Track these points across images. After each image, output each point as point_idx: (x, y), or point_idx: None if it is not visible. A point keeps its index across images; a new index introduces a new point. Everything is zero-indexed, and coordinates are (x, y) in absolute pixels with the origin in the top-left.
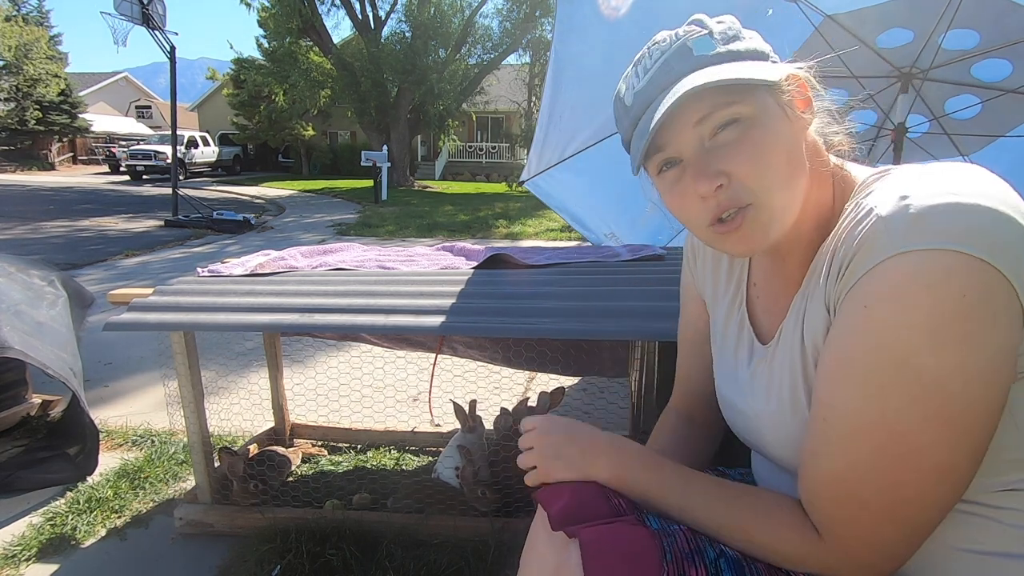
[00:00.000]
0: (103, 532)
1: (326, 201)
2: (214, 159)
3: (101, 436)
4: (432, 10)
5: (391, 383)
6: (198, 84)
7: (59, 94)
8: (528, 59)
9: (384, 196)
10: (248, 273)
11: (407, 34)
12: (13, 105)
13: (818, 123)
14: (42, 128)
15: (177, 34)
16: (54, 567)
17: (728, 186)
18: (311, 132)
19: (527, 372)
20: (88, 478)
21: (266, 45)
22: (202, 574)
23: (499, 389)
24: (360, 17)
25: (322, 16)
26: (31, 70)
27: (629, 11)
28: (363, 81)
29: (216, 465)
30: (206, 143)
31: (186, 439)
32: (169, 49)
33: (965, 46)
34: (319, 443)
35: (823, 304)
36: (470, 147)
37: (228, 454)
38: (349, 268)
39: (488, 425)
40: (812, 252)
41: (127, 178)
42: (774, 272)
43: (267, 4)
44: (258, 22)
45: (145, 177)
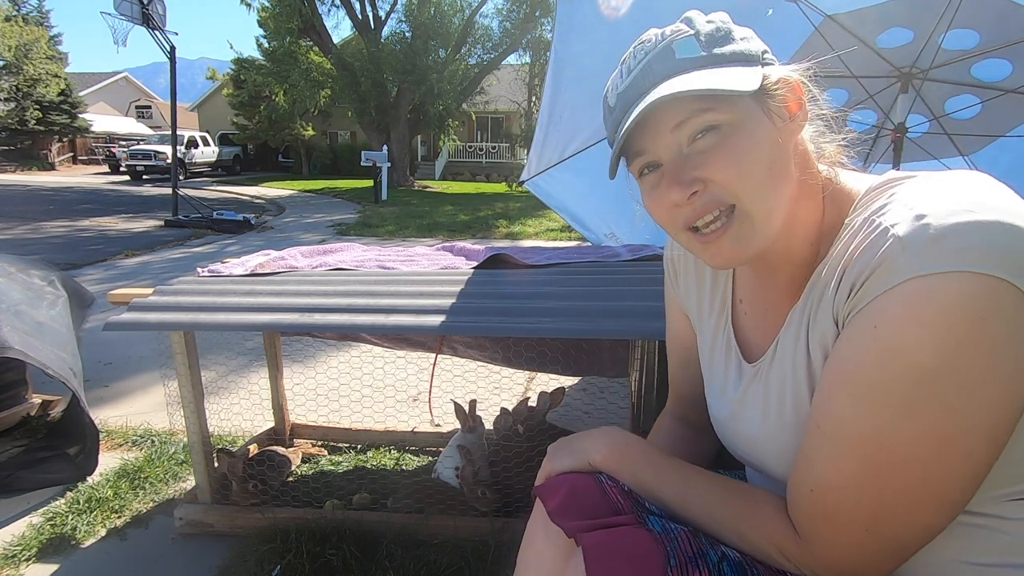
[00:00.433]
0: (103, 532)
1: (326, 201)
2: (214, 159)
3: (101, 436)
4: (432, 10)
5: (391, 383)
6: (198, 84)
7: (59, 94)
8: (528, 59)
9: (384, 196)
10: (248, 273)
11: (407, 34)
12: (13, 105)
13: (811, 130)
14: (42, 128)
15: (177, 34)
16: (54, 567)
17: (704, 191)
18: (311, 132)
19: (527, 372)
20: (88, 478)
21: (266, 45)
22: (202, 574)
23: (499, 389)
24: (360, 17)
25: (322, 16)
26: (31, 70)
27: (629, 11)
28: (363, 81)
29: (216, 465)
30: (206, 143)
31: (186, 439)
32: (169, 49)
33: (965, 46)
34: (319, 443)
35: (831, 318)
36: (470, 147)
37: (226, 455)
38: (349, 268)
39: (488, 425)
40: (804, 265)
41: (127, 178)
42: (762, 287)
43: (267, 4)
44: (258, 22)
45: (145, 177)
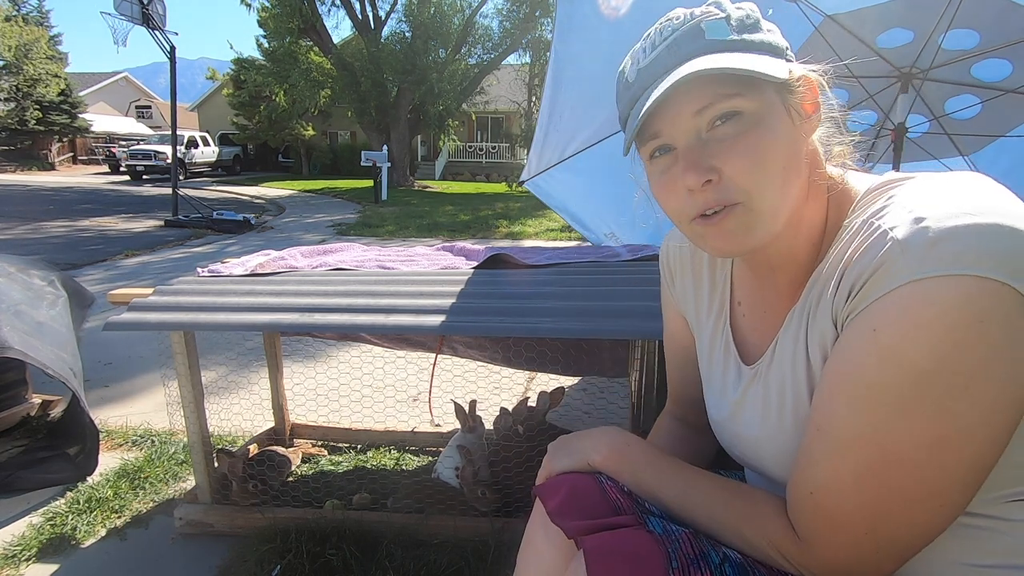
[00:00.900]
0: (103, 532)
1: (326, 201)
2: (214, 159)
3: (101, 436)
4: (432, 10)
5: (391, 383)
6: (198, 84)
7: (59, 94)
8: (528, 59)
9: (384, 196)
10: (248, 273)
11: (407, 34)
12: (13, 105)
13: (822, 131)
14: (42, 128)
15: (177, 34)
16: (54, 567)
17: (718, 183)
18: (311, 132)
19: (527, 372)
20: (88, 478)
21: (266, 45)
22: (202, 574)
23: (499, 389)
24: (360, 17)
25: (322, 16)
26: (31, 70)
27: (629, 11)
28: (363, 81)
29: (216, 465)
30: (206, 143)
31: (186, 439)
32: (169, 49)
33: (965, 46)
34: (319, 443)
35: (830, 319)
36: (470, 147)
37: (226, 455)
38: (349, 268)
39: (488, 425)
40: (805, 266)
41: (127, 178)
42: (761, 289)
43: (267, 4)
44: (258, 22)
45: (145, 177)
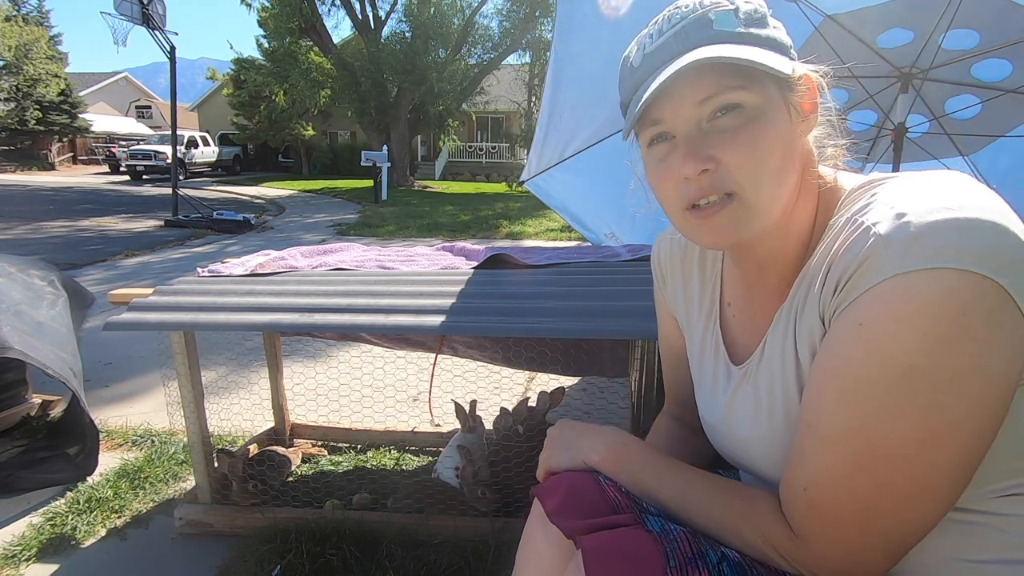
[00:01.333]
0: (103, 532)
1: (326, 201)
2: (214, 159)
3: (101, 436)
4: (432, 10)
5: (391, 383)
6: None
7: (59, 94)
8: (528, 59)
9: (384, 196)
10: (248, 273)
11: (407, 34)
12: (13, 105)
13: (817, 131)
14: (42, 128)
15: (177, 34)
16: (54, 567)
17: (714, 172)
18: (311, 132)
19: (527, 372)
20: (88, 478)
21: (266, 45)
22: (202, 574)
23: (499, 389)
24: (360, 17)
25: (322, 16)
26: (31, 70)
27: (629, 11)
28: (363, 81)
29: (216, 465)
30: (206, 143)
31: (186, 439)
32: (169, 49)
33: (965, 46)
34: (319, 443)
35: (817, 315)
36: (470, 147)
37: (226, 455)
38: (349, 268)
39: (488, 425)
40: (794, 265)
41: (127, 178)
42: (752, 288)
43: (267, 4)
44: (258, 22)
45: (145, 177)
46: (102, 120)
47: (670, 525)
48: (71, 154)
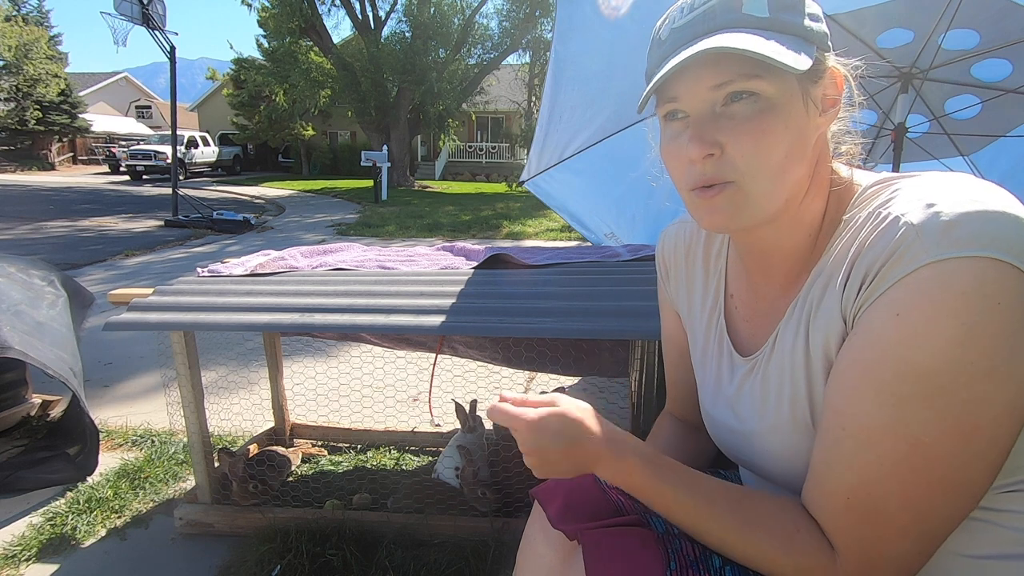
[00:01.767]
0: (103, 532)
1: (326, 201)
2: (214, 159)
3: (101, 436)
4: (432, 10)
5: (391, 383)
6: (198, 84)
7: (59, 94)
8: (528, 59)
9: (384, 196)
10: (248, 273)
11: (407, 34)
12: (13, 105)
13: (836, 126)
14: (42, 128)
15: (177, 34)
16: (54, 567)
17: (718, 158)
18: (311, 132)
19: (527, 372)
20: (88, 478)
21: (266, 45)
22: (202, 574)
23: (499, 389)
24: (360, 17)
25: (322, 16)
26: (31, 70)
27: (629, 11)
28: (363, 81)
29: (216, 465)
30: (206, 143)
31: (186, 439)
32: (169, 49)
33: (965, 46)
34: (319, 443)
35: (838, 314)
36: (470, 147)
37: (227, 454)
38: (349, 268)
39: (488, 425)
40: (801, 257)
41: (127, 178)
42: (755, 280)
43: (267, 4)
44: (258, 22)
45: (145, 177)
46: (102, 120)
47: (674, 527)
48: (71, 154)
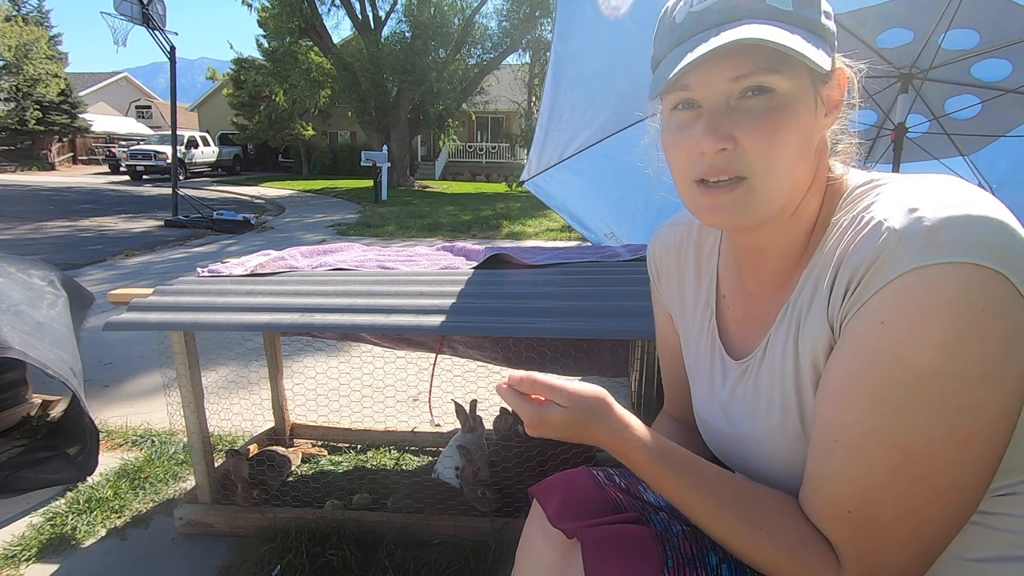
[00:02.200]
0: (103, 532)
1: (326, 201)
2: (214, 159)
3: (101, 436)
4: (432, 10)
5: (391, 383)
6: (198, 84)
7: (59, 94)
8: (528, 59)
9: (384, 196)
10: (248, 273)
11: (407, 34)
12: (13, 105)
13: (835, 126)
14: (42, 128)
15: (177, 34)
16: (54, 567)
17: (731, 152)
18: (311, 132)
19: (527, 372)
20: (88, 478)
21: (266, 45)
22: (202, 574)
23: None
24: (360, 17)
25: (322, 16)
26: (31, 70)
27: (629, 11)
28: (363, 81)
29: (216, 465)
30: (206, 143)
31: (186, 439)
32: (169, 49)
33: (965, 46)
34: (319, 443)
35: (825, 321)
36: (470, 147)
37: (234, 455)
38: (349, 268)
39: (488, 425)
40: (793, 255)
41: (127, 178)
42: (746, 280)
43: (267, 4)
44: (258, 22)
45: (145, 177)
46: (102, 120)
47: (674, 525)
48: (71, 154)
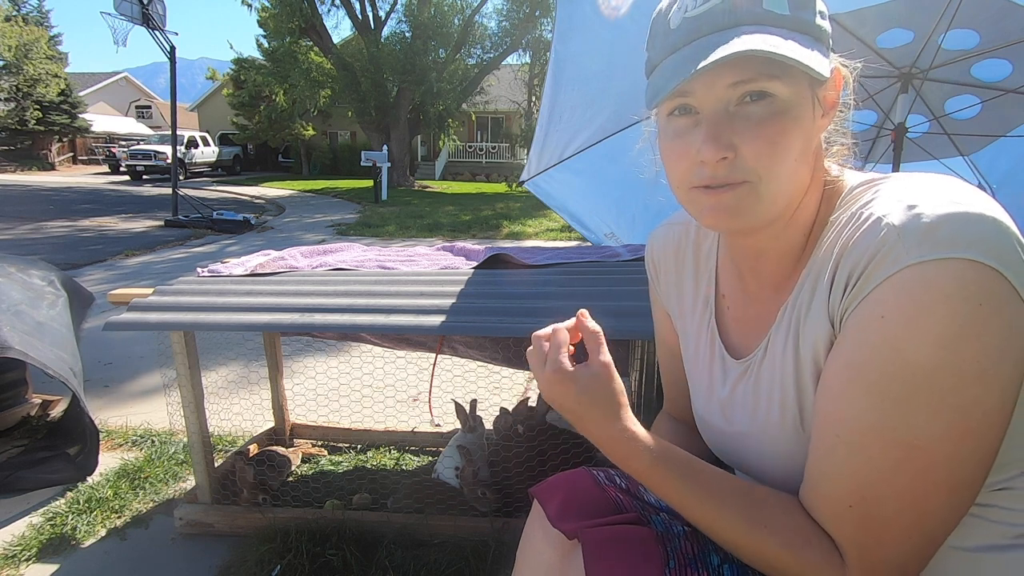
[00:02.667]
0: (103, 532)
1: (326, 201)
2: (214, 159)
3: (101, 436)
4: (432, 10)
5: (391, 383)
6: (198, 84)
7: (59, 94)
8: (528, 59)
9: (384, 196)
10: (248, 273)
11: (407, 34)
12: (13, 105)
13: (831, 126)
14: (42, 128)
15: (177, 34)
16: (54, 567)
17: (732, 160)
18: (311, 132)
19: (527, 372)
20: (88, 478)
21: (266, 45)
22: (202, 574)
23: (499, 389)
24: (360, 17)
25: (322, 16)
26: (31, 70)
27: (629, 11)
28: (363, 81)
29: (216, 465)
30: (206, 143)
31: (186, 439)
32: (169, 49)
33: (965, 46)
34: (319, 443)
35: (825, 316)
36: (470, 147)
37: (240, 459)
38: (349, 268)
39: (488, 425)
40: (792, 255)
41: (127, 178)
42: (746, 279)
43: (267, 4)
44: (258, 22)
45: (145, 177)
46: (102, 120)
47: (675, 526)
48: (71, 154)
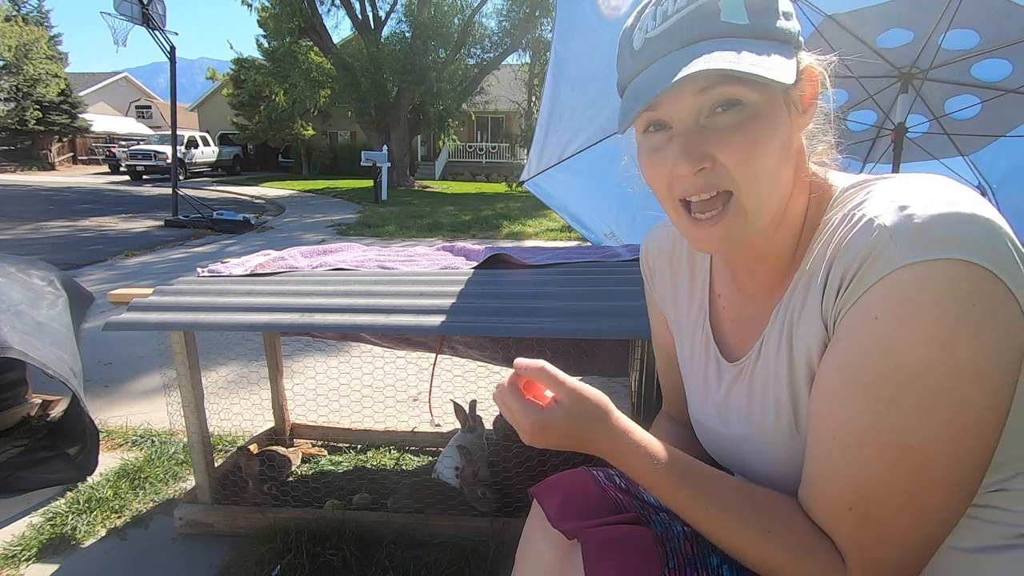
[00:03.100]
0: (103, 532)
1: (326, 201)
2: (214, 159)
3: (101, 436)
4: (432, 10)
5: (391, 383)
6: (198, 84)
7: (59, 94)
8: (528, 59)
9: (384, 196)
10: (248, 273)
11: (407, 34)
12: (13, 105)
13: (812, 126)
14: (42, 128)
15: (177, 34)
16: (54, 567)
17: (710, 170)
18: (311, 132)
19: None
20: (88, 478)
21: (266, 45)
22: (202, 574)
23: None
24: (360, 17)
25: (322, 16)
26: (31, 70)
27: (629, 11)
28: (363, 81)
29: (216, 465)
30: (206, 143)
31: (186, 439)
32: (169, 49)
33: (965, 46)
34: (319, 443)
35: (819, 319)
36: (470, 147)
37: (245, 453)
38: (349, 268)
39: (488, 425)
40: (785, 259)
41: (127, 178)
42: (742, 280)
43: (267, 4)
44: (258, 22)
45: (145, 177)
46: (102, 120)
47: (675, 526)
48: (71, 154)
